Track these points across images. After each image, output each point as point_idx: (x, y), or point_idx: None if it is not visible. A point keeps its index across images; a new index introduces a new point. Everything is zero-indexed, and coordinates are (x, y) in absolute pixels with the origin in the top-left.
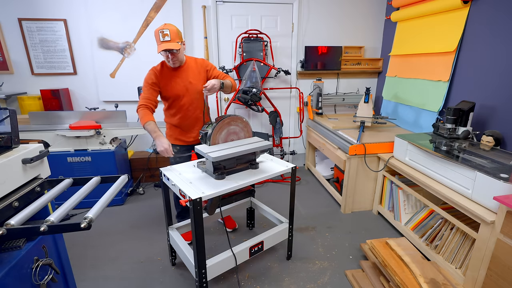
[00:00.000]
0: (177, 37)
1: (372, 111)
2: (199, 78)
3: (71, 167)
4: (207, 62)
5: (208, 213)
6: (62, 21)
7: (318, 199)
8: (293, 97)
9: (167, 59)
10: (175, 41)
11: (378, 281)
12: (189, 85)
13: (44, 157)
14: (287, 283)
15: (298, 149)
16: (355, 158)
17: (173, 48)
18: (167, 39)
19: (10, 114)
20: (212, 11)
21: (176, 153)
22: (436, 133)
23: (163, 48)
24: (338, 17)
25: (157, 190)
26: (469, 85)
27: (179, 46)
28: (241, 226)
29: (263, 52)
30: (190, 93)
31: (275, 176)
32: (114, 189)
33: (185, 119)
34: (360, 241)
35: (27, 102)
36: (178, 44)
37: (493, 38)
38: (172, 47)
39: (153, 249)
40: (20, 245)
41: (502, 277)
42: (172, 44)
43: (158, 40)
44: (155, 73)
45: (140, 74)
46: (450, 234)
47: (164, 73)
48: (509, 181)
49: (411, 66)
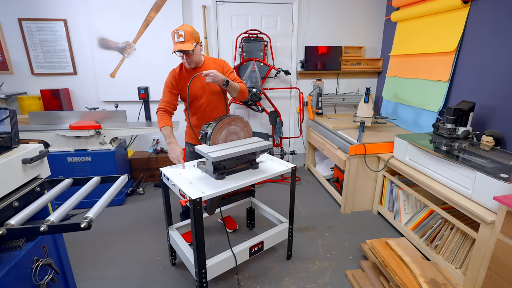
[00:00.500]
0: (191, 37)
1: (372, 111)
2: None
3: (71, 167)
4: (226, 64)
5: (208, 213)
6: (62, 21)
7: (318, 199)
8: (293, 97)
9: (182, 59)
10: (189, 42)
11: (378, 281)
12: (206, 86)
13: (44, 157)
14: (287, 283)
15: (298, 149)
16: (355, 158)
17: (186, 49)
18: (181, 40)
19: (10, 114)
20: (212, 11)
21: (191, 153)
22: (436, 133)
23: (177, 48)
24: (338, 17)
25: (157, 190)
26: (469, 85)
27: (193, 47)
28: (241, 226)
29: (263, 52)
30: (207, 94)
31: (275, 176)
32: (114, 189)
33: (202, 120)
34: (360, 241)
35: (27, 102)
36: (192, 45)
37: (493, 38)
38: (185, 48)
39: (153, 249)
40: (20, 245)
41: (502, 277)
42: (186, 45)
43: (173, 40)
44: (174, 76)
45: (140, 74)
46: (450, 234)
47: (182, 75)
48: (509, 181)
49: (411, 66)
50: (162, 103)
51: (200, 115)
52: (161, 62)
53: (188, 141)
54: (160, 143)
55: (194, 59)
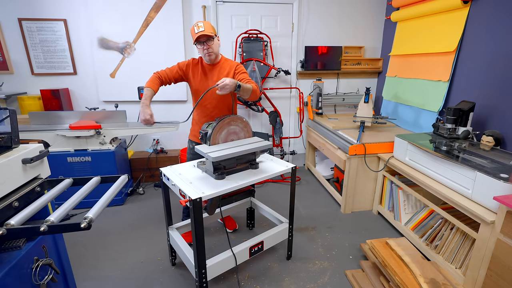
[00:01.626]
0: (211, 28)
1: (372, 111)
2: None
3: (71, 167)
4: (238, 65)
5: (208, 213)
6: (62, 21)
7: (318, 199)
8: (293, 97)
9: (203, 52)
10: (209, 31)
11: (378, 281)
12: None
13: (44, 157)
14: (287, 283)
15: (298, 149)
16: (355, 158)
17: (208, 34)
18: (201, 30)
19: (10, 114)
20: (212, 11)
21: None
22: (436, 133)
23: (200, 34)
24: (338, 17)
25: (157, 190)
26: (469, 85)
27: (214, 32)
28: (241, 226)
29: (263, 52)
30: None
31: (275, 176)
32: (114, 189)
33: (204, 117)
34: (360, 241)
35: (27, 102)
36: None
37: (493, 38)
38: (207, 32)
39: (153, 249)
40: (20, 245)
41: (502, 277)
42: (207, 32)
43: (193, 34)
44: (189, 65)
45: (140, 74)
46: (450, 234)
47: (197, 68)
48: (509, 181)
49: (411, 66)
50: (161, 71)
51: (203, 112)
52: (161, 62)
53: (191, 138)
54: (160, 143)
55: (214, 49)
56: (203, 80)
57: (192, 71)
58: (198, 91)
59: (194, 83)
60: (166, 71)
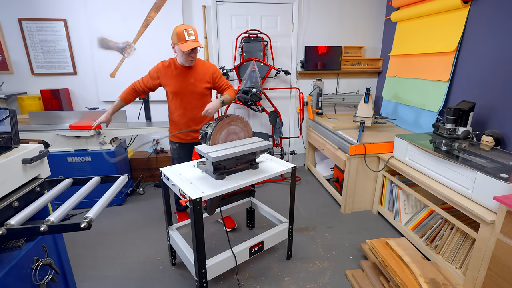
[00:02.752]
0: (197, 37)
1: (372, 111)
2: (203, 80)
3: (71, 167)
4: (215, 69)
5: (208, 213)
6: (62, 21)
7: (318, 199)
8: (293, 97)
9: (188, 57)
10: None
11: (378, 281)
12: (190, 84)
13: (44, 157)
14: (287, 283)
15: (298, 149)
16: (355, 158)
17: (200, 46)
18: (193, 38)
19: (10, 114)
20: (212, 11)
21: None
22: (436, 133)
23: (194, 45)
24: (338, 17)
25: (157, 190)
26: (469, 85)
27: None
28: (241, 226)
29: (263, 52)
30: (189, 92)
31: (275, 176)
32: (114, 189)
33: (182, 117)
34: (360, 241)
35: (27, 102)
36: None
37: (493, 38)
38: (200, 45)
39: (153, 249)
40: (20, 245)
41: (502, 277)
42: (198, 43)
43: (182, 38)
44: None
45: (140, 74)
46: (450, 234)
47: (170, 70)
48: (509, 181)
49: (411, 66)
50: (137, 81)
51: (180, 112)
52: None
53: (172, 139)
54: (160, 143)
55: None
56: (180, 82)
57: (164, 75)
58: (176, 94)
59: (169, 86)
60: (140, 82)
